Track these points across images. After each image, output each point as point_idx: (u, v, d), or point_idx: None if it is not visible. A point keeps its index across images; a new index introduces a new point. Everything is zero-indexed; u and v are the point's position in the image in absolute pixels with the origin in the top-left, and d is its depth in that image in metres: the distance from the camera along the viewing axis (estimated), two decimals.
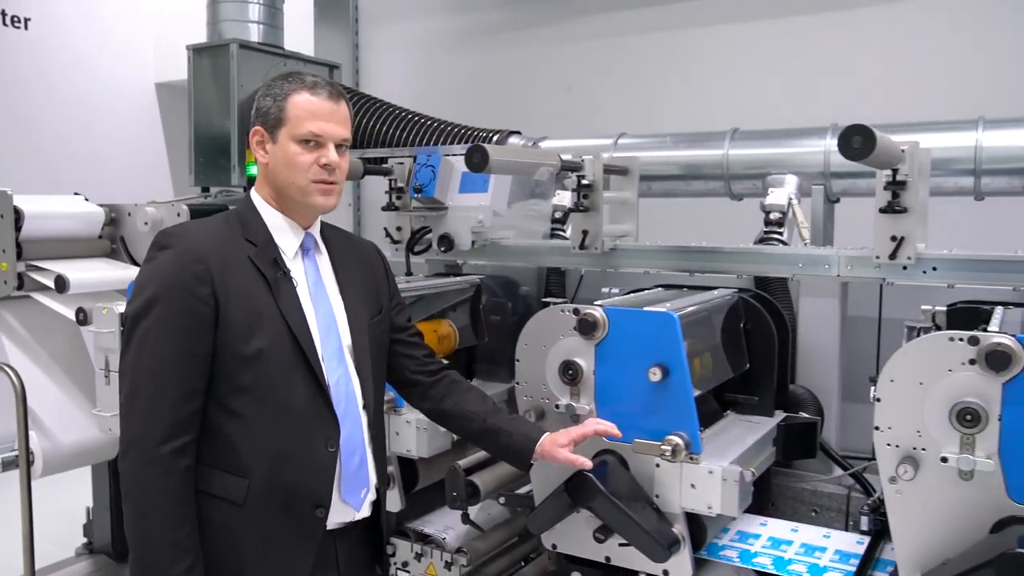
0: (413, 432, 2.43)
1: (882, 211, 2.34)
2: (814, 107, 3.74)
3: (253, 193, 1.84)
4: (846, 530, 2.33)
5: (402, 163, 3.19)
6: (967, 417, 1.65)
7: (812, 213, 3.13)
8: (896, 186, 2.31)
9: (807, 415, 2.44)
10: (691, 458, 1.97)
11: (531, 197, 3.81)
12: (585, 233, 2.80)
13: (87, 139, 6.02)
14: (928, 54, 3.75)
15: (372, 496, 1.84)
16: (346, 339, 1.81)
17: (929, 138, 2.88)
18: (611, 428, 1.95)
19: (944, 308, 2.18)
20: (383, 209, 3.23)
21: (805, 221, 2.99)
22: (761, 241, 2.92)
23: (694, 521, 2.06)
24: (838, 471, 2.55)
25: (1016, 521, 1.63)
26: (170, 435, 1.62)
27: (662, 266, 2.81)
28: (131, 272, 3.48)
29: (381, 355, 1.93)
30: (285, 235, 1.80)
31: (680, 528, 2.00)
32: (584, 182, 2.78)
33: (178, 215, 3.65)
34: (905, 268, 2.39)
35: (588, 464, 1.92)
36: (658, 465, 2.01)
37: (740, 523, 2.20)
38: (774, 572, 1.92)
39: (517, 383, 2.19)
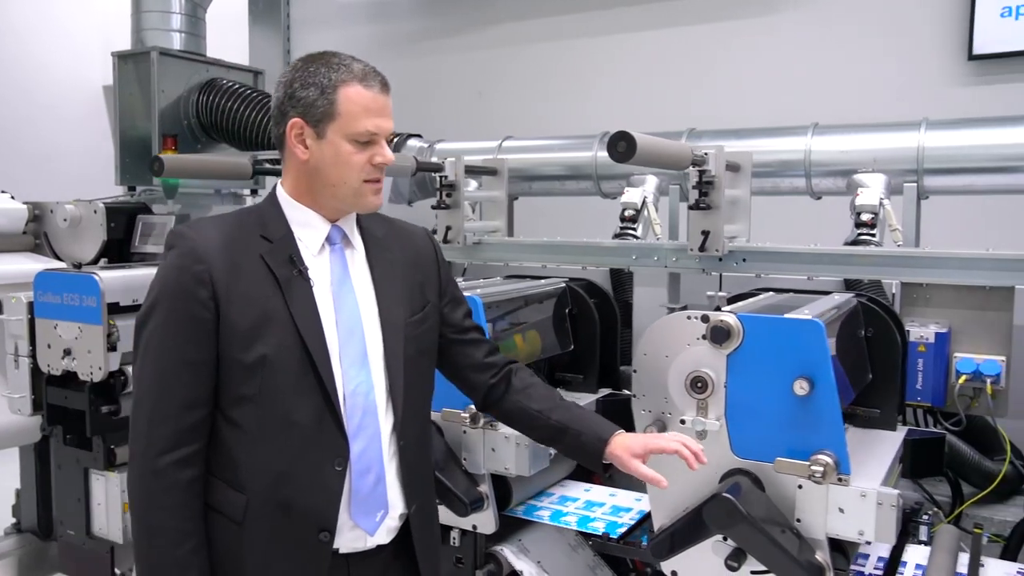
0: None
1: (691, 208, 2.62)
2: (692, 112, 3.99)
3: (278, 187, 1.68)
4: None
5: None
6: (699, 385, 1.92)
7: (671, 210, 3.39)
8: (704, 186, 2.58)
9: (629, 392, 2.69)
10: (491, 426, 2.23)
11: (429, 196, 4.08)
12: (448, 228, 3.07)
13: (36, 138, 6.24)
14: (778, 66, 4.04)
15: (394, 522, 1.65)
16: (375, 342, 1.64)
17: (769, 142, 3.20)
18: (690, 457, 1.70)
19: (726, 294, 2.45)
20: None
21: (658, 218, 3.26)
22: (617, 237, 3.18)
23: (501, 481, 2.32)
24: None
25: (736, 472, 1.90)
26: (172, 445, 1.52)
27: (521, 258, 3.08)
28: (48, 265, 3.73)
29: (424, 357, 1.75)
30: (308, 230, 1.64)
31: (485, 488, 2.26)
32: (446, 182, 3.06)
33: (95, 212, 3.90)
34: (721, 259, 2.67)
35: (664, 483, 1.70)
36: (465, 432, 2.26)
37: (555, 487, 2.48)
38: (548, 522, 2.20)
39: None
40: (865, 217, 2.81)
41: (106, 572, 3.26)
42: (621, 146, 2.09)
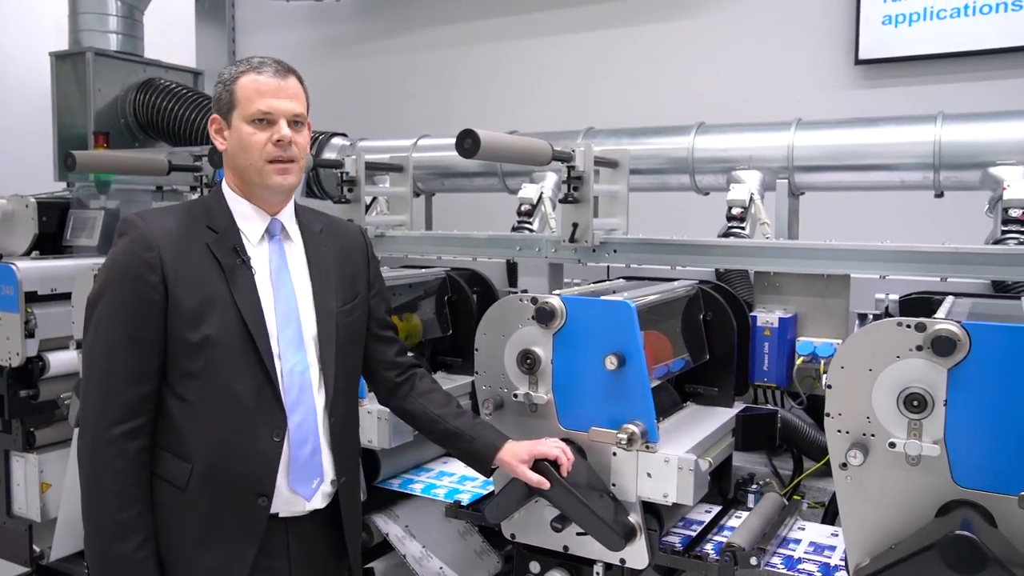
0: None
1: (560, 201, 2.78)
2: (604, 111, 4.18)
3: (223, 181, 1.84)
4: None
5: None
6: (528, 362, 2.08)
7: None
8: (573, 181, 2.74)
9: None
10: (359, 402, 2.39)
11: None
12: (350, 222, 3.23)
13: None
14: (683, 70, 4.24)
15: (328, 488, 1.82)
16: (309, 327, 1.79)
17: (658, 141, 3.38)
18: (567, 464, 1.93)
19: (581, 281, 2.62)
20: None
21: (554, 213, 3.43)
22: (514, 230, 3.35)
23: (371, 455, 2.49)
24: None
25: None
26: (121, 417, 1.64)
27: (419, 250, 3.25)
28: None
29: (353, 343, 1.91)
30: (250, 221, 1.79)
31: None
32: (347, 178, 3.22)
33: (26, 206, 4.05)
34: (594, 250, 2.84)
35: (546, 485, 1.91)
36: None
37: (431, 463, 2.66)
38: (398, 489, 2.38)
39: None
40: (735, 211, 2.99)
41: (25, 549, 3.41)
42: (467, 143, 2.25)
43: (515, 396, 2.11)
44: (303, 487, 1.76)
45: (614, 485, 2.03)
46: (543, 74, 4.70)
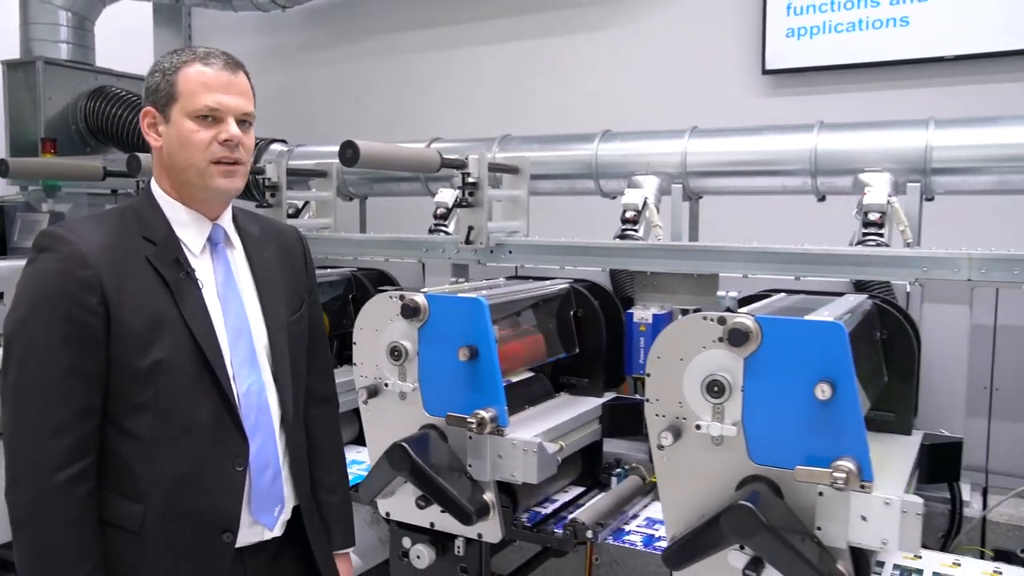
0: None
1: (455, 205, 2.97)
2: (525, 117, 4.37)
3: (152, 184, 1.66)
4: None
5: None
6: (396, 354, 2.26)
7: None
8: (468, 187, 2.93)
9: None
10: None
11: None
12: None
13: None
14: (603, 80, 4.44)
15: (287, 515, 1.71)
16: (261, 342, 1.67)
17: (565, 148, 3.56)
18: None
19: (460, 279, 2.80)
20: None
21: None
22: (431, 232, 3.53)
23: None
24: None
25: (426, 427, 2.24)
26: (66, 461, 1.47)
27: (341, 252, 3.43)
28: None
29: (302, 356, 1.79)
30: (189, 229, 1.63)
31: None
32: (269, 183, 3.40)
33: None
34: (492, 252, 3.02)
35: None
36: None
37: None
38: None
39: None
40: (628, 215, 3.17)
41: None
42: (348, 153, 2.44)
43: (386, 386, 2.29)
44: (266, 516, 1.65)
45: (470, 466, 2.20)
46: (481, 81, 4.88)
